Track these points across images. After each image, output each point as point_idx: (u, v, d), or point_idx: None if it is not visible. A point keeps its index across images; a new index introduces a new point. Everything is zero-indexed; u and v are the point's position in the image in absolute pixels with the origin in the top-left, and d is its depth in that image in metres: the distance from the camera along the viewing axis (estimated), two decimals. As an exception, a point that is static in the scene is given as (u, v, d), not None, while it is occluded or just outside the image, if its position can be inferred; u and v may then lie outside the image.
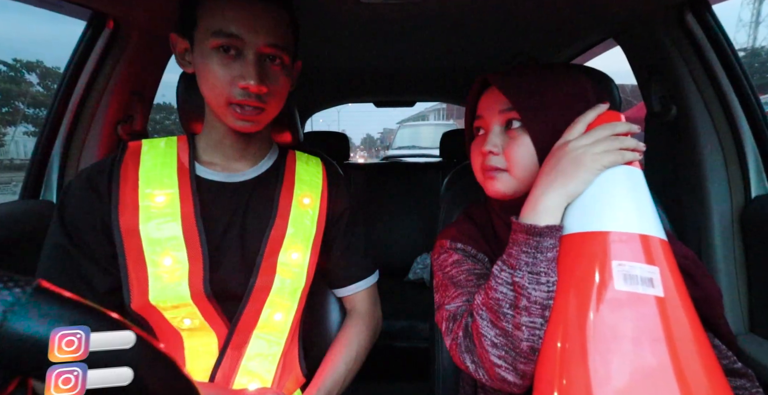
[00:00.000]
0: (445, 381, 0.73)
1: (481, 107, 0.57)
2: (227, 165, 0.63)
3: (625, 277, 0.38)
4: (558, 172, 0.45)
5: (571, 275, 0.41)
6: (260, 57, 0.55)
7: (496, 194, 0.54)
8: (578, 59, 1.23)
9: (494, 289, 0.45)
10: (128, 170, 0.59)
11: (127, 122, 0.93)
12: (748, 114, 0.78)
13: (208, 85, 0.55)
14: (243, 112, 0.55)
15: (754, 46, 23.45)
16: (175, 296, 0.55)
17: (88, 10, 0.81)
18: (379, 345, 0.74)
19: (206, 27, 0.54)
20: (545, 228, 0.43)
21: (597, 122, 0.48)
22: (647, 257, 0.39)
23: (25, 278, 0.24)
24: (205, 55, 0.54)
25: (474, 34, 1.08)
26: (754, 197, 0.77)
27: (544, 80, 0.52)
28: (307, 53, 1.25)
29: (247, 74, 0.53)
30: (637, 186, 0.44)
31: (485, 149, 0.53)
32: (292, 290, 0.61)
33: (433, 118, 19.75)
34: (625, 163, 0.44)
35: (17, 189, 1.05)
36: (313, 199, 0.66)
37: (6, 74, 19.60)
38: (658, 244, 0.40)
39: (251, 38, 0.53)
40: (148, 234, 0.55)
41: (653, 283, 0.37)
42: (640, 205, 0.42)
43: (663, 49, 0.82)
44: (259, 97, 0.55)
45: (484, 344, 0.44)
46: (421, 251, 1.79)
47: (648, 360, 0.35)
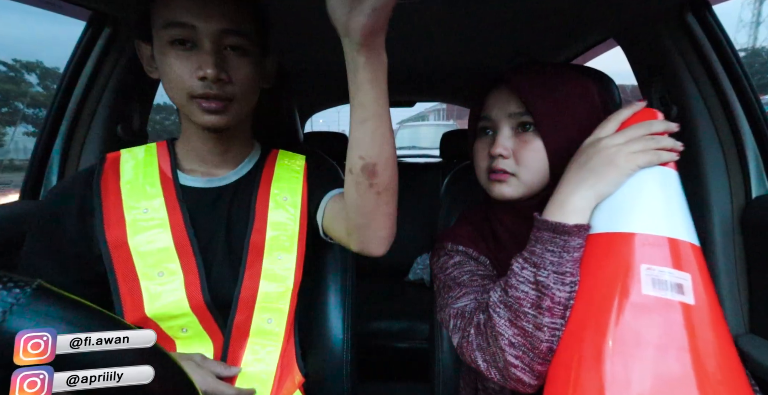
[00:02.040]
0: (446, 381, 0.73)
1: (489, 108, 0.55)
2: (208, 170, 0.62)
3: (653, 282, 0.36)
4: (588, 170, 0.43)
5: (594, 276, 0.40)
6: (218, 46, 0.52)
7: (502, 197, 0.53)
8: (578, 59, 1.23)
9: (515, 287, 0.43)
10: (109, 182, 0.57)
11: (126, 122, 0.93)
12: (748, 114, 0.78)
13: (169, 83, 0.53)
14: (207, 105, 0.53)
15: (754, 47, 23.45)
16: (174, 307, 0.54)
17: (88, 10, 0.81)
18: (379, 345, 0.74)
19: (159, 21, 0.52)
20: (574, 227, 0.42)
21: (632, 119, 0.45)
22: (678, 262, 0.37)
23: (25, 278, 0.24)
24: (163, 52, 0.52)
25: (474, 34, 1.08)
26: (754, 198, 0.77)
27: (556, 83, 0.51)
28: (308, 53, 1.25)
29: (203, 63, 0.51)
30: (670, 188, 0.42)
31: (495, 152, 0.51)
32: (281, 294, 0.60)
33: (433, 118, 19.73)
34: (660, 164, 0.42)
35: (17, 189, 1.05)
36: (291, 196, 0.63)
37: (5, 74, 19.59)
38: (690, 249, 0.38)
39: (204, 25, 0.51)
40: (137, 247, 0.54)
41: (683, 290, 0.36)
42: (673, 207, 0.40)
43: (663, 50, 0.82)
44: (220, 88, 0.52)
45: (500, 343, 0.43)
46: (421, 251, 1.79)
47: (672, 369, 0.34)
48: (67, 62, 0.86)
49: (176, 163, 0.61)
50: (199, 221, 0.58)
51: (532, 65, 0.54)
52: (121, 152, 0.62)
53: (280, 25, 0.97)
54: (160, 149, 0.62)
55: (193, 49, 0.52)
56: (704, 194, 0.79)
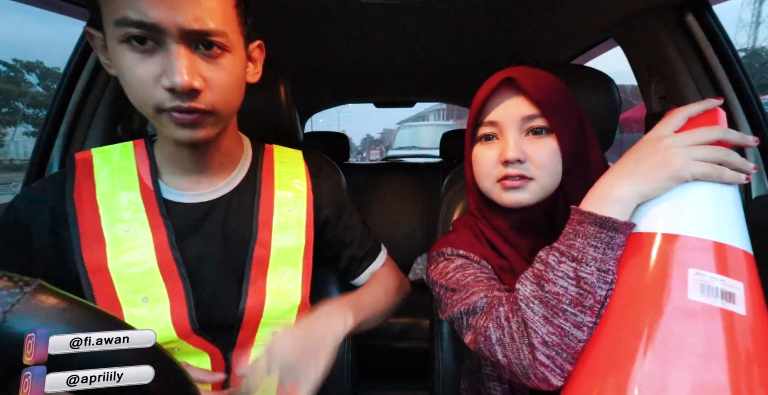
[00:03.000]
0: (445, 380, 0.73)
1: (494, 112, 0.51)
2: (193, 182, 0.54)
3: (702, 287, 0.34)
4: (639, 168, 0.39)
5: (633, 277, 0.38)
6: (188, 45, 0.42)
7: (518, 205, 0.50)
8: (578, 59, 1.23)
9: (552, 282, 0.40)
10: (83, 194, 0.50)
11: (126, 122, 0.93)
12: (748, 114, 0.78)
13: (129, 91, 0.44)
14: (179, 117, 0.43)
15: (754, 47, 23.45)
16: (160, 336, 0.47)
17: (88, 10, 0.81)
18: (379, 345, 0.74)
19: (108, 14, 0.41)
20: (623, 224, 0.38)
21: (700, 119, 0.41)
22: (728, 270, 0.35)
23: (25, 278, 0.24)
24: (116, 51, 0.42)
25: (474, 34, 1.08)
26: (754, 198, 0.77)
27: (558, 83, 0.51)
28: (308, 53, 1.25)
29: (169, 70, 0.41)
30: (724, 194, 0.38)
31: (511, 157, 0.48)
32: (287, 310, 0.55)
33: (433, 118, 19.74)
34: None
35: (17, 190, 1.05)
36: (297, 206, 0.58)
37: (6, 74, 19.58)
38: (742, 257, 0.36)
39: (170, 23, 0.40)
40: (120, 271, 0.48)
41: (734, 298, 0.34)
42: (724, 210, 0.38)
43: (663, 50, 0.82)
44: (193, 98, 0.43)
45: (533, 340, 0.40)
46: (421, 251, 1.79)
47: (715, 379, 0.32)
48: (67, 62, 0.86)
49: (157, 172, 0.53)
50: (187, 240, 0.52)
51: (535, 66, 0.53)
52: (93, 153, 0.54)
53: (280, 25, 0.97)
54: (138, 152, 0.54)
55: (155, 51, 0.42)
56: (704, 194, 0.79)
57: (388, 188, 1.93)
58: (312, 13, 0.89)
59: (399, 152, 5.19)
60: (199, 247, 0.53)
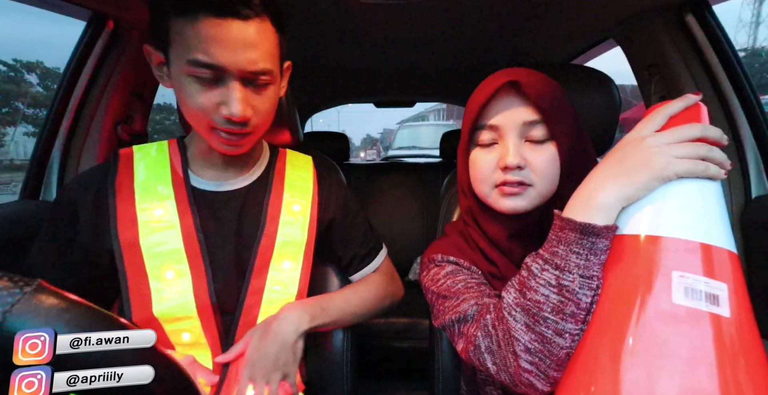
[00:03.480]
0: (445, 381, 0.73)
1: (494, 116, 0.50)
2: (219, 174, 0.62)
3: (686, 290, 0.34)
4: (621, 169, 0.39)
5: (617, 280, 0.38)
6: (244, 81, 0.51)
7: (514, 211, 0.49)
8: (578, 59, 1.23)
9: (534, 290, 0.40)
10: (122, 182, 0.58)
11: (127, 122, 0.93)
12: (748, 114, 0.78)
13: (188, 110, 0.53)
14: (228, 138, 0.53)
15: (754, 47, 23.45)
16: (180, 308, 0.54)
17: (88, 10, 0.81)
18: (379, 345, 0.74)
19: (180, 52, 0.49)
20: (603, 229, 0.38)
21: (681, 116, 0.40)
22: (713, 271, 0.35)
23: (25, 278, 0.24)
24: (181, 79, 0.50)
25: (474, 34, 1.08)
26: (754, 198, 0.77)
27: (556, 87, 0.50)
28: (308, 53, 1.25)
29: (229, 102, 0.50)
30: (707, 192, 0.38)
31: (512, 163, 0.47)
32: (285, 299, 0.60)
33: (433, 118, 19.74)
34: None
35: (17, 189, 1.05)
36: (303, 206, 0.65)
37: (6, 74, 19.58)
38: (727, 257, 0.36)
39: (232, 66, 0.49)
40: (149, 248, 0.55)
41: (719, 301, 0.34)
42: (708, 210, 0.37)
43: (663, 49, 0.82)
44: (244, 125, 0.52)
45: (515, 348, 0.40)
46: (421, 251, 1.78)
47: (702, 384, 0.32)
48: (68, 62, 0.86)
49: (187, 164, 0.61)
50: (209, 224, 0.59)
51: (536, 68, 0.52)
52: (134, 149, 0.62)
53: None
54: (172, 148, 0.62)
55: (217, 84, 0.50)
56: (704, 194, 0.79)
57: (388, 188, 1.93)
58: (312, 13, 0.89)
59: (399, 152, 5.19)
60: (218, 233, 0.59)
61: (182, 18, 0.48)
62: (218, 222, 0.60)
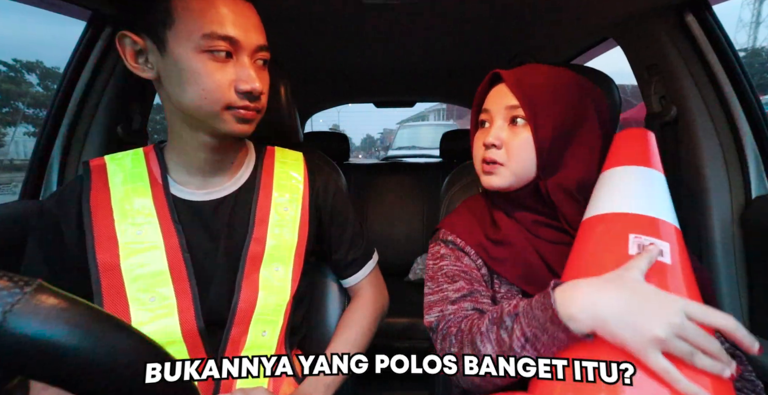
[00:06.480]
0: (445, 381, 0.73)
1: (488, 101, 0.58)
2: (205, 180, 0.59)
3: (639, 246, 0.45)
4: (631, 308, 0.39)
5: (590, 242, 0.48)
6: (253, 60, 0.53)
7: (490, 187, 0.57)
8: (578, 59, 1.23)
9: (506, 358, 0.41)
10: (98, 199, 0.54)
11: (127, 122, 0.93)
12: (748, 114, 0.78)
13: (198, 92, 0.50)
14: (245, 113, 0.52)
15: (754, 47, 23.43)
16: (164, 334, 0.51)
17: (88, 10, 0.81)
18: (379, 345, 0.74)
19: (190, 28, 0.49)
20: (574, 337, 0.40)
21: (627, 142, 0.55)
22: (659, 234, 0.46)
23: (25, 278, 0.24)
24: (189, 58, 0.49)
25: (474, 34, 1.08)
26: (754, 198, 0.77)
27: (551, 81, 0.54)
28: (308, 53, 1.25)
29: (247, 77, 0.51)
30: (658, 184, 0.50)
31: (488, 142, 0.55)
32: (277, 306, 0.58)
33: (433, 118, 19.72)
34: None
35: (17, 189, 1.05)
36: (292, 207, 0.62)
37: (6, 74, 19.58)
38: (671, 229, 0.47)
39: (246, 40, 0.51)
40: (130, 270, 0.52)
41: (663, 253, 0.44)
42: (659, 197, 0.49)
43: (663, 50, 0.82)
44: (257, 99, 0.53)
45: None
46: (421, 251, 1.79)
47: None
48: (67, 62, 0.86)
49: (168, 173, 0.58)
50: (195, 238, 0.56)
51: (531, 66, 0.58)
52: (106, 159, 0.58)
53: (281, 25, 0.98)
54: (149, 157, 0.59)
55: (229, 60, 0.51)
56: (704, 194, 0.79)
57: (388, 188, 1.93)
58: (312, 13, 0.89)
59: (399, 152, 5.19)
60: (205, 245, 0.56)
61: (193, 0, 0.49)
62: (207, 234, 0.57)
